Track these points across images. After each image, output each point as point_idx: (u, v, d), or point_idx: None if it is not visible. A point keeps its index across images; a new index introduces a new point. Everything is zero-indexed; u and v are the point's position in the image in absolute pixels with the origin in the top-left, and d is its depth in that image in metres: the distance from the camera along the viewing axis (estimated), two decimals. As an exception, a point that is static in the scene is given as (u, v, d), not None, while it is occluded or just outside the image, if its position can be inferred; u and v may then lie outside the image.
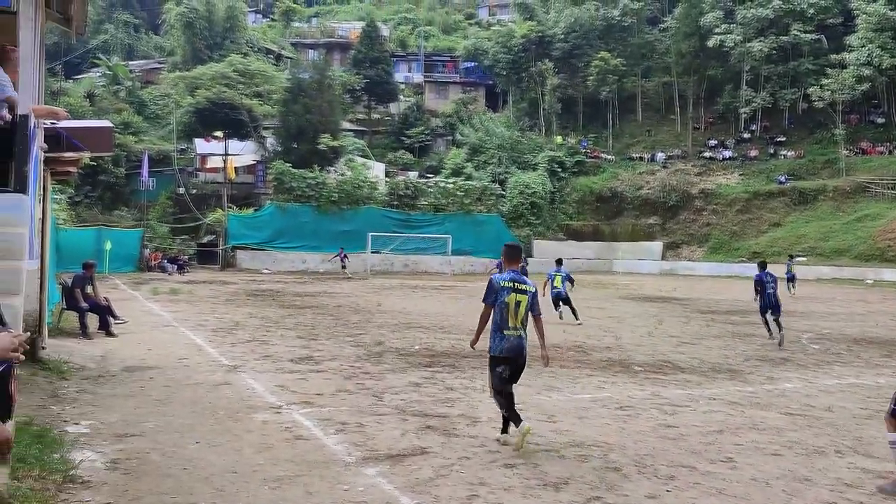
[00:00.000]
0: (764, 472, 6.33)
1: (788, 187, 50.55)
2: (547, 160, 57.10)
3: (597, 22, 66.02)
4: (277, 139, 51.16)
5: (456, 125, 67.16)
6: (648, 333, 16.67)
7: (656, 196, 54.04)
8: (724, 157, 57.33)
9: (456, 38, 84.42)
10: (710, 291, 32.63)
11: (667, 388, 10.14)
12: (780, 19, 55.81)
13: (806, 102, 55.62)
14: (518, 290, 7.06)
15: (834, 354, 13.92)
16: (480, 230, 47.20)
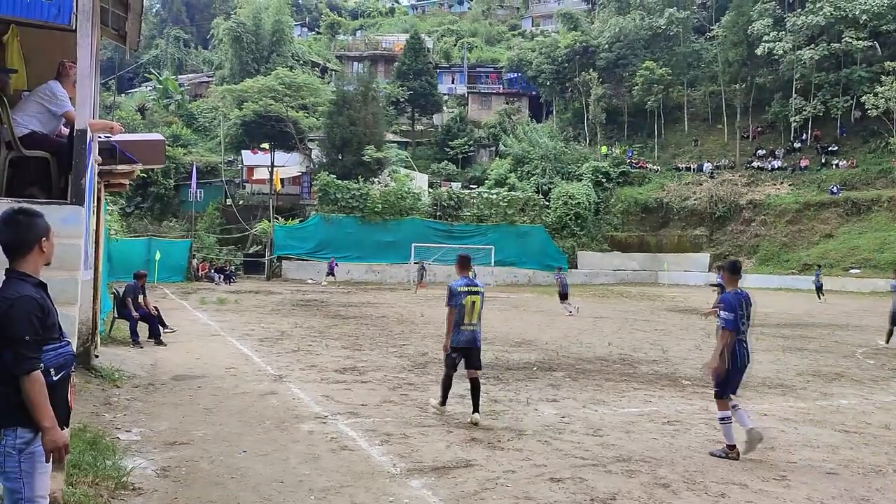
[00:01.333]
0: (819, 491, 6.15)
1: (841, 198, 49.29)
2: (591, 171, 56.70)
3: (642, 31, 65.54)
4: (322, 151, 51.80)
5: (499, 136, 67.22)
6: (696, 347, 16.39)
7: (703, 207, 53.20)
8: (773, 167, 56.20)
9: (499, 50, 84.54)
10: (760, 304, 31.57)
11: (714, 403, 9.91)
12: (831, 26, 54.65)
13: (859, 111, 54.28)
14: (472, 293, 8.58)
15: (891, 370, 13.49)
16: (524, 241, 47.07)
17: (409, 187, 47.54)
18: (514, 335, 17.48)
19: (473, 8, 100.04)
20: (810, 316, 26.10)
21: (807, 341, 18.00)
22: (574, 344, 16.17)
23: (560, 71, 68.95)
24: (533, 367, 12.76)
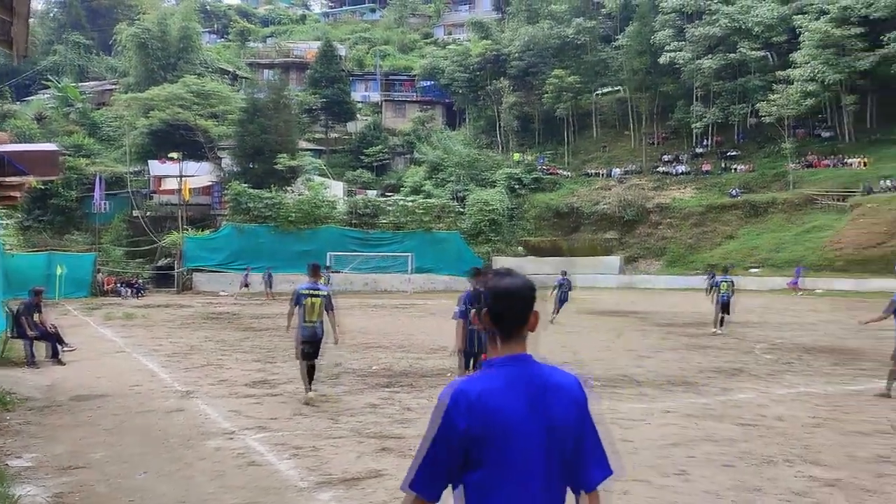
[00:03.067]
0: (716, 483, 6.40)
1: (741, 200, 51.63)
2: (505, 177, 57.57)
3: (551, 40, 66.99)
4: (234, 160, 50.76)
5: (414, 143, 67.46)
6: (606, 347, 16.82)
7: (613, 211, 54.73)
8: (678, 172, 58.38)
9: (413, 58, 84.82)
10: (668, 304, 33.04)
11: (623, 402, 10.22)
12: (728, 37, 57.26)
13: (755, 118, 57.00)
14: (313, 295, 10.00)
15: (785, 364, 14.18)
16: (441, 248, 47.28)
17: (324, 195, 47.09)
18: (429, 342, 17.50)
19: (386, 16, 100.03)
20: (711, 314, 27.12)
21: (710, 339, 18.76)
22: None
23: (473, 79, 69.80)
24: (448, 373, 12.81)
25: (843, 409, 9.74)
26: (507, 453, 2.26)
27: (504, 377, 2.34)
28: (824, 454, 7.38)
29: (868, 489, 6.23)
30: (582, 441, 2.39)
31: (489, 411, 2.26)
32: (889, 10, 49.90)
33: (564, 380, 2.44)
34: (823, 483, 6.40)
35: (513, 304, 2.41)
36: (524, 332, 2.44)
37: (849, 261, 40.87)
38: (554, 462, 2.32)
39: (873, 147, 52.63)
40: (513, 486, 2.26)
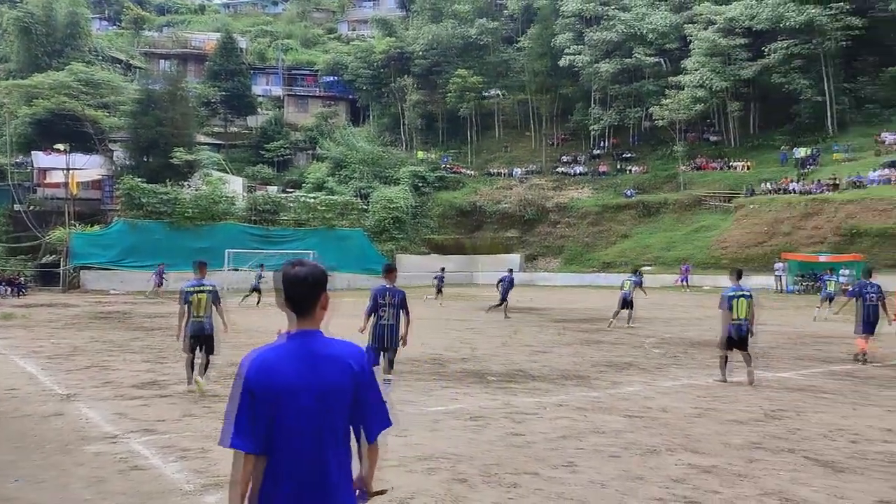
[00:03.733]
0: (602, 473, 6.62)
1: (635, 201, 53.57)
2: (409, 175, 57.65)
3: (455, 40, 67.55)
4: (126, 153, 48.63)
5: (317, 139, 66.60)
6: (504, 343, 17.10)
7: (514, 210, 55.74)
8: (576, 173, 60.01)
9: (316, 52, 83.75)
10: (565, 301, 33.89)
11: (517, 397, 10.42)
12: (624, 42, 59.27)
13: (649, 121, 59.26)
14: (199, 291, 10.47)
15: (672, 357, 14.82)
16: (344, 245, 46.85)
17: (223, 191, 45.82)
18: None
19: (289, 10, 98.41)
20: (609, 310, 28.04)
21: (604, 334, 19.36)
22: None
23: (377, 76, 69.59)
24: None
25: (721, 400, 10.26)
26: (282, 412, 2.70)
27: (287, 348, 2.79)
28: (703, 442, 7.75)
29: (741, 474, 6.59)
30: (359, 403, 2.83)
31: (269, 376, 2.72)
32: (770, 22, 52.85)
33: (341, 350, 2.85)
34: (701, 470, 6.72)
35: (299, 288, 2.84)
36: (314, 312, 2.87)
37: (733, 259, 42.98)
38: (326, 421, 2.74)
39: (756, 151, 55.70)
40: (287, 440, 2.70)
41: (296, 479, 2.72)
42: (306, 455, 2.71)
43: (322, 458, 2.74)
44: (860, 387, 11.41)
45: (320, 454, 2.74)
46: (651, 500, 5.87)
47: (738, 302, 11.68)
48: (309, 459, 2.72)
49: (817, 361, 14.40)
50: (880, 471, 6.72)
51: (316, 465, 2.73)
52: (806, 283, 39.62)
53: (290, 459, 2.72)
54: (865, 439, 7.94)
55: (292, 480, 2.71)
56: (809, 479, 6.43)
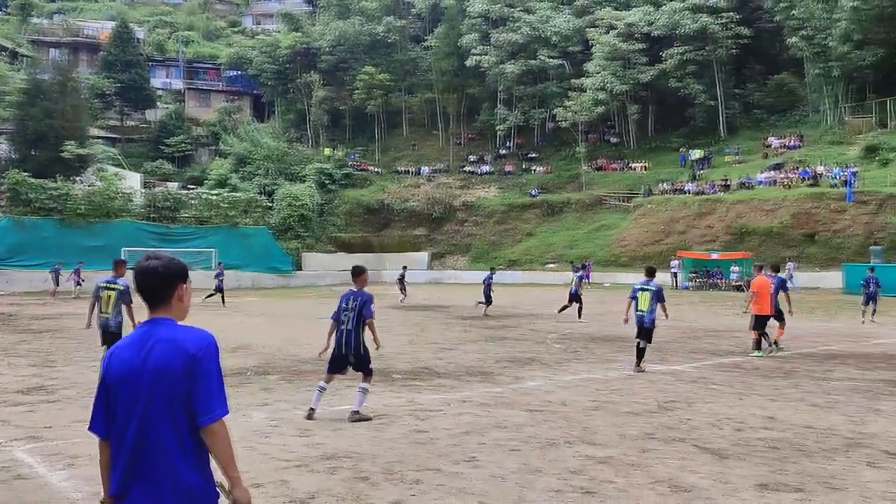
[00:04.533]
0: (502, 467, 6.74)
1: (539, 200, 54.76)
2: (315, 172, 56.98)
3: (362, 37, 67.19)
4: (12, 146, 46.10)
5: (220, 135, 64.89)
6: (410, 341, 17.16)
7: (422, 208, 55.97)
8: (483, 172, 60.79)
9: (219, 46, 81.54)
10: (471, 299, 34.18)
11: (422, 394, 10.48)
12: (529, 44, 60.43)
13: (553, 122, 60.67)
14: (109, 288, 10.68)
15: (572, 352, 15.24)
16: (248, 243, 45.87)
17: (119, 187, 44.05)
18: (231, 340, 16.91)
19: (190, 0, 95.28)
20: (514, 307, 28.60)
21: (508, 330, 19.70)
22: (294, 346, 16.10)
23: (282, 71, 68.40)
24: (247, 371, 12.49)
25: (619, 393, 10.63)
26: (118, 397, 2.81)
27: (132, 337, 2.90)
28: (599, 434, 8.02)
29: (634, 464, 6.85)
30: (194, 388, 2.79)
31: (112, 363, 2.86)
32: (666, 28, 55.04)
33: (182, 335, 2.87)
34: (597, 461, 6.95)
35: (150, 280, 2.94)
36: (168, 303, 2.96)
37: (632, 256, 44.65)
38: (159, 403, 2.77)
39: (653, 153, 57.89)
40: (119, 424, 2.80)
41: (122, 463, 2.77)
42: (130, 440, 2.76)
43: (149, 443, 2.75)
44: (746, 377, 12.04)
45: (146, 438, 2.75)
46: (549, 492, 6.03)
47: (642, 295, 12.64)
48: (133, 444, 2.76)
49: (708, 354, 15.11)
50: (761, 456, 7.12)
51: (141, 449, 2.75)
52: (699, 280, 41.46)
53: (119, 443, 2.80)
54: (749, 427, 8.40)
55: (119, 464, 2.78)
56: (697, 467, 6.75)
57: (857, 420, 8.73)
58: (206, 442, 2.82)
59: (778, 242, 41.10)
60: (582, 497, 5.90)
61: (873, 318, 21.65)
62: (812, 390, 10.80)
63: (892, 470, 6.61)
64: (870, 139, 46.53)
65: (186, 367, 2.79)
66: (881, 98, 50.36)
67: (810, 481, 6.28)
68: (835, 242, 39.73)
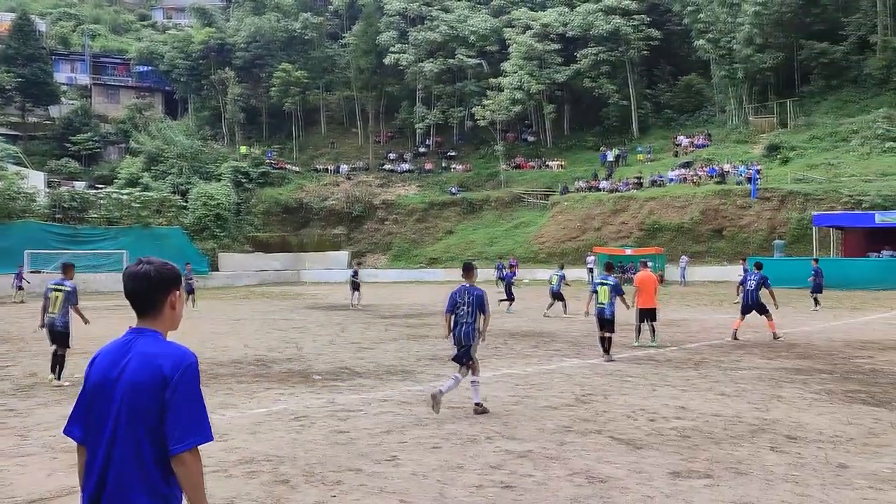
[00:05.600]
0: (423, 465, 6.76)
1: (459, 198, 55.12)
2: (231, 170, 55.80)
3: (278, 33, 66.14)
4: None
5: (130, 132, 62.77)
6: (330, 342, 16.99)
7: (341, 207, 55.54)
8: (402, 170, 60.75)
9: (128, 40, 78.81)
10: (392, 297, 34.22)
11: (343, 395, 10.40)
12: (447, 43, 60.75)
13: (471, 121, 61.17)
14: (57, 290, 11.37)
15: (493, 349, 15.37)
16: (161, 244, 44.39)
17: (20, 186, 41.96)
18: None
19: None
20: (434, 305, 28.66)
21: (429, 328, 19.74)
22: (209, 349, 15.70)
23: (195, 67, 66.64)
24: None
25: (538, 387, 10.81)
26: (95, 404, 2.72)
27: (116, 344, 2.79)
28: (519, 429, 8.14)
29: (552, 457, 6.99)
30: (166, 413, 2.62)
31: (92, 368, 2.78)
32: (581, 29, 56.28)
33: (159, 351, 2.71)
34: (517, 455, 7.05)
35: (136, 286, 2.79)
36: (159, 310, 2.82)
37: (549, 253, 45.47)
38: (126, 422, 2.63)
39: (569, 151, 59.10)
40: (92, 432, 2.71)
41: (93, 473, 2.68)
42: (101, 450, 2.66)
43: (114, 463, 2.63)
44: (659, 369, 12.44)
45: (112, 456, 2.63)
46: (469, 488, 6.08)
47: (601, 289, 13.81)
48: (103, 460, 2.65)
49: (623, 347, 15.49)
50: (674, 445, 7.37)
51: (108, 467, 2.64)
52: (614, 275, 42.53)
53: (93, 454, 2.70)
54: (662, 417, 8.69)
55: (91, 472, 2.69)
56: (613, 458, 6.94)
57: (762, 407, 9.15)
58: (176, 471, 2.63)
59: (688, 238, 42.63)
60: (501, 491, 5.98)
61: (816, 305, 22.78)
62: (720, 380, 11.25)
63: (793, 453, 6.96)
64: (772, 138, 48.79)
65: (159, 389, 2.62)
66: (782, 99, 52.88)
67: (718, 467, 6.54)
68: (741, 237, 41.46)
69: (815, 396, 9.80)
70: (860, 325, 16.44)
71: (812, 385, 10.61)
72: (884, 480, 6.09)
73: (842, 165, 43.06)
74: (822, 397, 9.73)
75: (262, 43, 65.72)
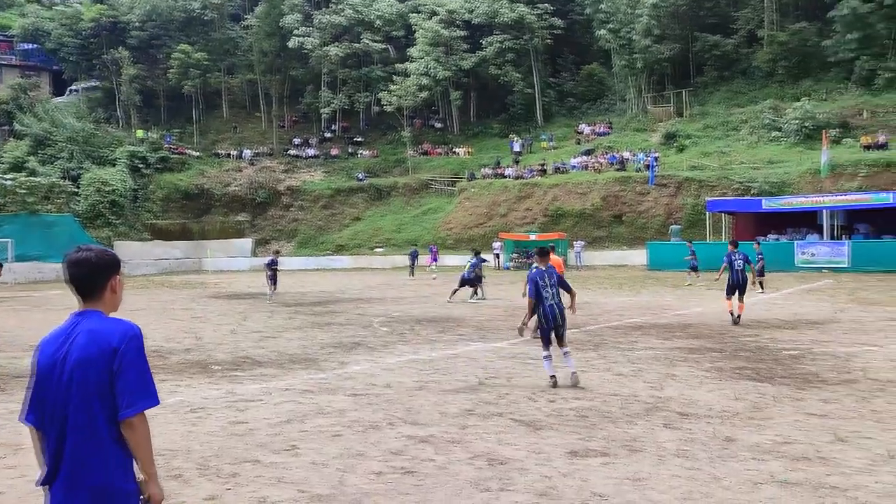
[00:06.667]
0: (323, 454, 6.64)
1: (366, 184, 54.72)
2: (127, 155, 53.53)
3: (176, 13, 63.72)
4: None
5: (14, 114, 59.12)
6: (231, 331, 16.55)
7: (244, 193, 54.23)
8: (308, 155, 59.78)
9: (11, 15, 74.08)
10: (298, 285, 33.71)
11: (242, 385, 10.13)
12: (352, 27, 60.05)
13: (378, 106, 60.74)
14: None
15: (398, 335, 15.35)
16: (50, 233, 42.21)
17: None
18: (28, 338, 15.54)
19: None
20: (341, 292, 28.42)
21: (335, 316, 19.53)
22: (101, 341, 15.01)
23: (86, 46, 63.42)
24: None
25: (442, 372, 10.83)
26: (45, 387, 2.83)
27: (61, 327, 2.92)
28: (422, 414, 8.12)
29: (454, 440, 7.00)
30: (116, 383, 2.78)
31: (39, 353, 2.89)
32: (486, 17, 56.68)
33: (107, 327, 2.86)
34: (418, 440, 7.02)
35: (77, 272, 2.94)
36: (99, 295, 2.97)
37: (457, 239, 45.81)
38: (79, 396, 2.76)
39: (476, 138, 59.57)
40: (46, 415, 2.82)
41: (51, 454, 2.81)
42: (55, 428, 2.79)
43: (70, 438, 2.77)
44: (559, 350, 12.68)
45: (67, 432, 2.77)
46: (369, 475, 6.01)
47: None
48: (57, 438, 2.78)
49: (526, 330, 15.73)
50: (572, 425, 7.52)
51: (64, 442, 2.78)
52: (520, 260, 43.23)
53: (48, 434, 2.83)
54: (561, 398, 8.85)
55: (48, 454, 2.82)
56: (514, 439, 7.01)
57: (657, 385, 9.46)
58: (125, 436, 2.80)
59: (590, 223, 43.76)
60: (402, 477, 5.94)
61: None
62: (618, 360, 11.58)
63: (685, 429, 7.21)
64: (669, 127, 50.60)
65: (108, 361, 2.79)
66: (678, 89, 54.88)
67: (614, 445, 6.71)
68: (640, 223, 42.88)
69: (706, 374, 10.22)
70: (748, 306, 17.26)
71: (704, 363, 11.05)
72: (766, 452, 6.39)
73: (733, 153, 45.13)
74: (712, 374, 10.15)
75: (159, 22, 63.11)
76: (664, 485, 5.62)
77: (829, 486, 5.52)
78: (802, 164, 40.88)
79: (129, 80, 61.13)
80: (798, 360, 11.22)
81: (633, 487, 5.58)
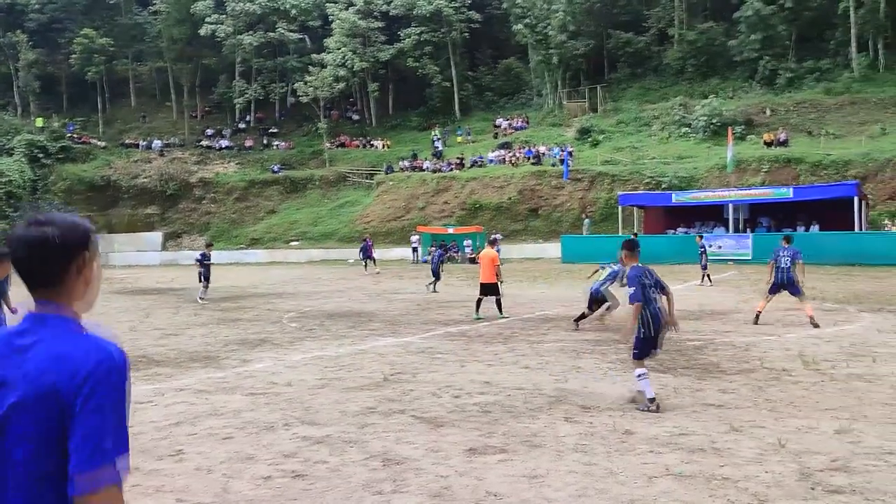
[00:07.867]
0: (210, 458, 6.28)
1: (282, 176, 53.60)
2: (25, 144, 50.86)
3: (79, -5, 60.85)
4: None
5: None
6: (132, 328, 15.80)
7: (154, 185, 52.33)
8: (221, 147, 58.14)
9: None
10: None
11: (134, 386, 9.55)
12: (267, 16, 58.65)
13: (294, 97, 59.59)
14: None
15: (308, 331, 14.94)
16: (-62, 226, 39.70)
17: None
18: None
19: None
20: (254, 287, 27.67)
21: (243, 311, 18.93)
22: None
23: (-22, 28, 59.85)
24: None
25: (347, 369, 10.53)
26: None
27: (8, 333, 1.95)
28: (321, 413, 7.82)
29: (351, 440, 6.73)
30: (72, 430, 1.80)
31: None
32: (405, 8, 56.32)
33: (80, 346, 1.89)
34: (314, 441, 6.73)
35: (28, 252, 1.92)
36: (54, 287, 1.94)
37: (375, 233, 45.32)
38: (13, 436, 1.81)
39: (394, 131, 59.18)
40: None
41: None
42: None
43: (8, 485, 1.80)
44: (470, 345, 12.57)
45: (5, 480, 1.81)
46: (256, 480, 5.70)
47: None
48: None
49: (438, 324, 15.60)
50: (474, 421, 7.37)
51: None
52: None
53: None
54: (466, 393, 8.70)
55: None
56: (413, 437, 6.80)
57: (561, 378, 9.44)
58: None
59: (507, 217, 44.09)
60: (291, 481, 5.65)
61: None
62: (526, 353, 11.54)
63: (585, 423, 7.17)
64: (583, 122, 51.44)
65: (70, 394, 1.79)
66: (592, 85, 55.88)
67: (514, 441, 6.59)
68: (555, 216, 43.46)
69: (611, 366, 10.27)
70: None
71: (609, 355, 11.12)
72: (663, 444, 6.39)
73: (644, 148, 46.26)
74: (616, 366, 10.21)
75: (60, 5, 60.16)
76: (560, 481, 5.52)
77: (721, 477, 5.53)
78: (710, 159, 42.23)
79: (27, 65, 58.04)
80: (700, 350, 11.43)
81: (528, 485, 5.46)
